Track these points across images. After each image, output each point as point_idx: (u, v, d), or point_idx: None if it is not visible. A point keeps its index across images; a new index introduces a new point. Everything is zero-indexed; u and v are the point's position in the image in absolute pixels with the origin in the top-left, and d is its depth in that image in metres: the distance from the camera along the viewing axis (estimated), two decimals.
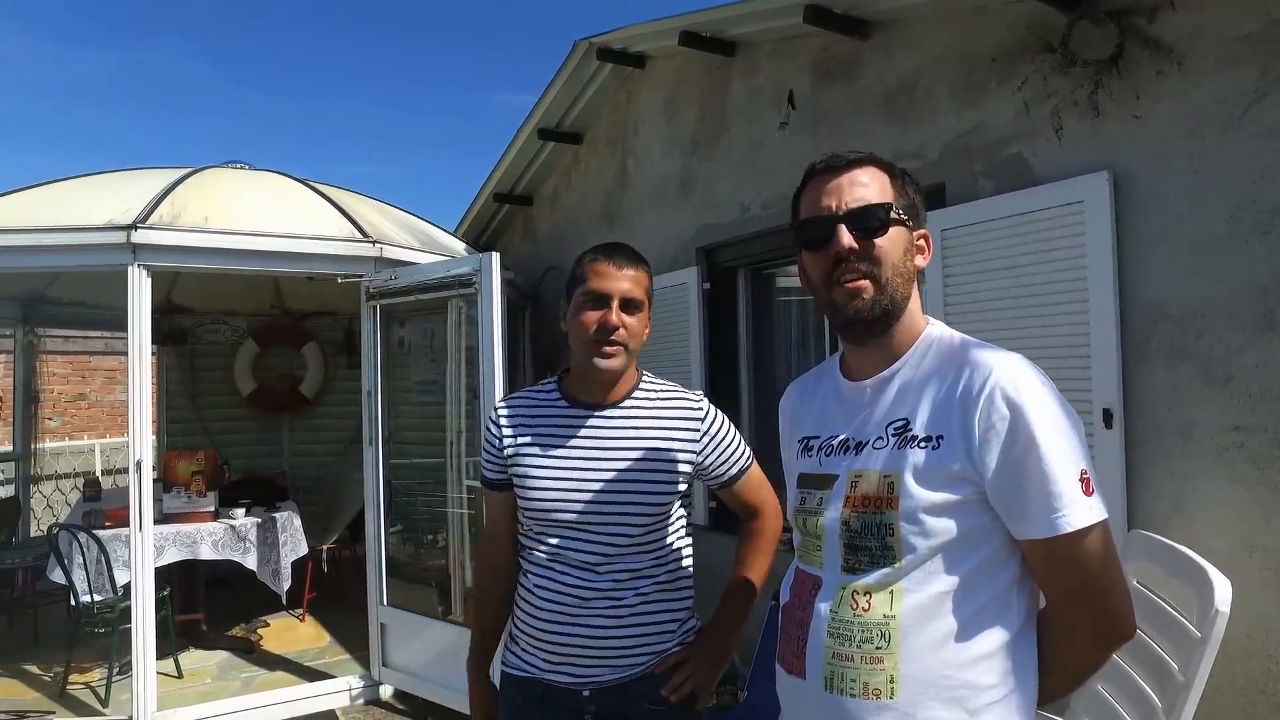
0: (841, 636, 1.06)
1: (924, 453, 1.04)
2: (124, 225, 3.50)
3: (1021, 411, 0.99)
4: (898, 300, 1.11)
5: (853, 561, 1.07)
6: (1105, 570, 1.01)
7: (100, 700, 3.71)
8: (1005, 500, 1.01)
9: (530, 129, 4.99)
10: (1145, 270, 2.18)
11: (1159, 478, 2.15)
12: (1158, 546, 1.87)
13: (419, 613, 3.91)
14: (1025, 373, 1.02)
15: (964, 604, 1.03)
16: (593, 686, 1.47)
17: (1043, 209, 2.40)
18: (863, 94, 3.11)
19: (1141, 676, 1.70)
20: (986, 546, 1.04)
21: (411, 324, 4.75)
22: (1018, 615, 1.05)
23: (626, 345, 1.49)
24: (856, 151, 1.15)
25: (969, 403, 1.02)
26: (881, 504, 1.05)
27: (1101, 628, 1.04)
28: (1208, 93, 2.04)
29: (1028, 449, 0.98)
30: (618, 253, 1.52)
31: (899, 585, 1.04)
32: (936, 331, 1.14)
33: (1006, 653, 1.03)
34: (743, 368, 3.91)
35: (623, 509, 1.48)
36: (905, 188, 1.14)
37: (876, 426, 1.11)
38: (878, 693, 1.03)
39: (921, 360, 1.11)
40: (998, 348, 1.07)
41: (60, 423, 9.56)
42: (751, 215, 3.64)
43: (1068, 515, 0.98)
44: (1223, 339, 2.02)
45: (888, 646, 1.03)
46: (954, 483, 1.02)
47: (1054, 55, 2.39)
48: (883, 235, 1.10)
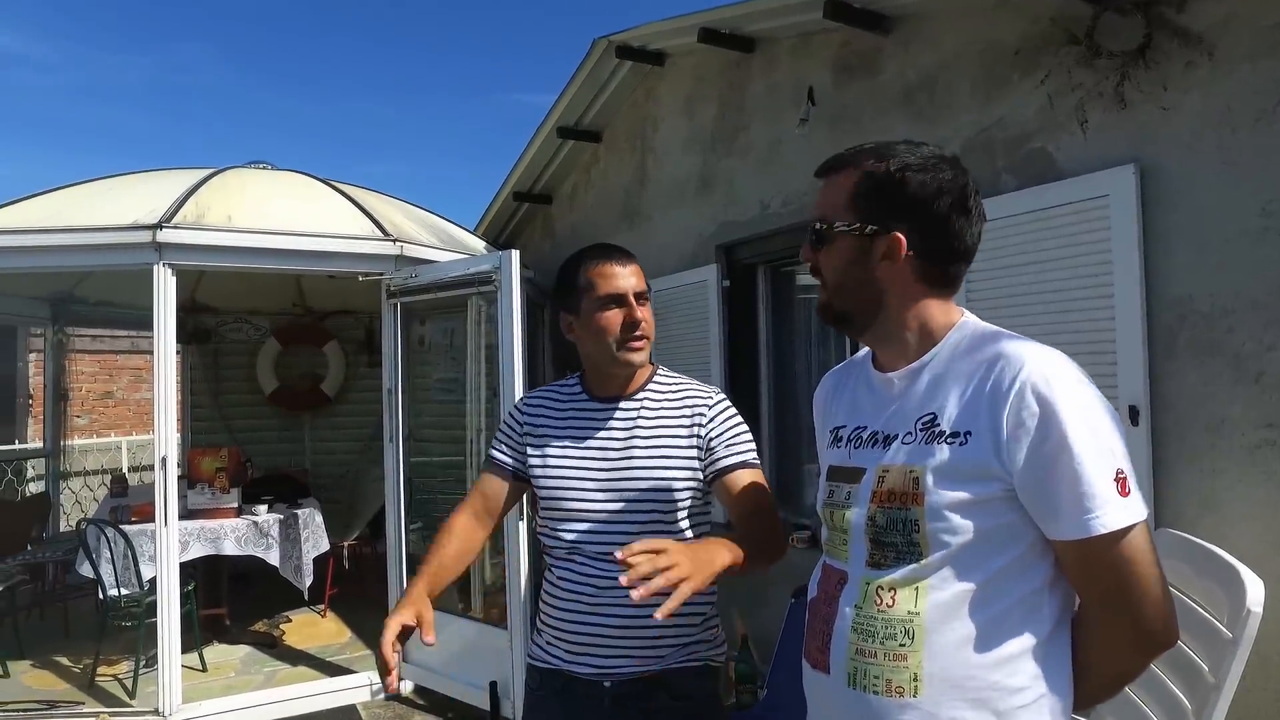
0: (865, 632, 1.05)
1: (950, 448, 1.02)
2: (149, 225, 3.55)
3: (1053, 408, 0.96)
4: (850, 306, 1.12)
5: (878, 557, 1.06)
6: (1144, 574, 0.97)
7: (128, 692, 3.78)
8: (1035, 499, 0.99)
9: (549, 127, 5.00)
10: (1173, 265, 2.15)
11: (1187, 476, 2.11)
12: (1187, 545, 1.84)
13: (439, 609, 3.90)
14: (1058, 367, 0.99)
15: (992, 603, 1.01)
16: (614, 678, 1.48)
17: (1067, 203, 2.37)
18: (883, 90, 3.08)
19: (1170, 678, 1.66)
20: (1016, 545, 1.01)
21: (432, 322, 4.79)
22: (1049, 617, 1.02)
23: (649, 337, 1.55)
24: (843, 153, 1.14)
25: (998, 398, 0.99)
26: (907, 499, 1.04)
27: (1140, 634, 1.00)
28: (1239, 83, 2.00)
29: (1059, 447, 0.96)
30: (616, 252, 1.57)
31: (924, 582, 1.02)
32: (972, 324, 1.12)
33: (1037, 655, 1.01)
34: (763, 365, 3.89)
35: (636, 498, 1.49)
36: (871, 192, 1.09)
37: (905, 421, 1.09)
38: (901, 691, 1.01)
39: (953, 354, 1.09)
40: (1031, 340, 1.04)
41: (88, 420, 9.73)
42: (771, 212, 3.62)
43: (1101, 516, 0.95)
44: (1254, 335, 1.98)
45: (911, 644, 1.01)
46: (982, 480, 1.00)
47: (1079, 47, 2.35)
48: (822, 250, 1.12)
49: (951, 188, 1.08)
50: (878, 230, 1.08)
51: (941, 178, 1.08)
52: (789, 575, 2.50)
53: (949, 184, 1.08)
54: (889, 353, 1.14)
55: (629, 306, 1.51)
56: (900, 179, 1.08)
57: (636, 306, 1.52)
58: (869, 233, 1.08)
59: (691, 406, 1.56)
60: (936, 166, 1.08)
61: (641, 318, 1.52)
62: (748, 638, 3.48)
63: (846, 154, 1.13)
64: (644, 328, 1.53)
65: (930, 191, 1.07)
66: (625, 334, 1.51)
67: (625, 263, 1.55)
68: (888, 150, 1.10)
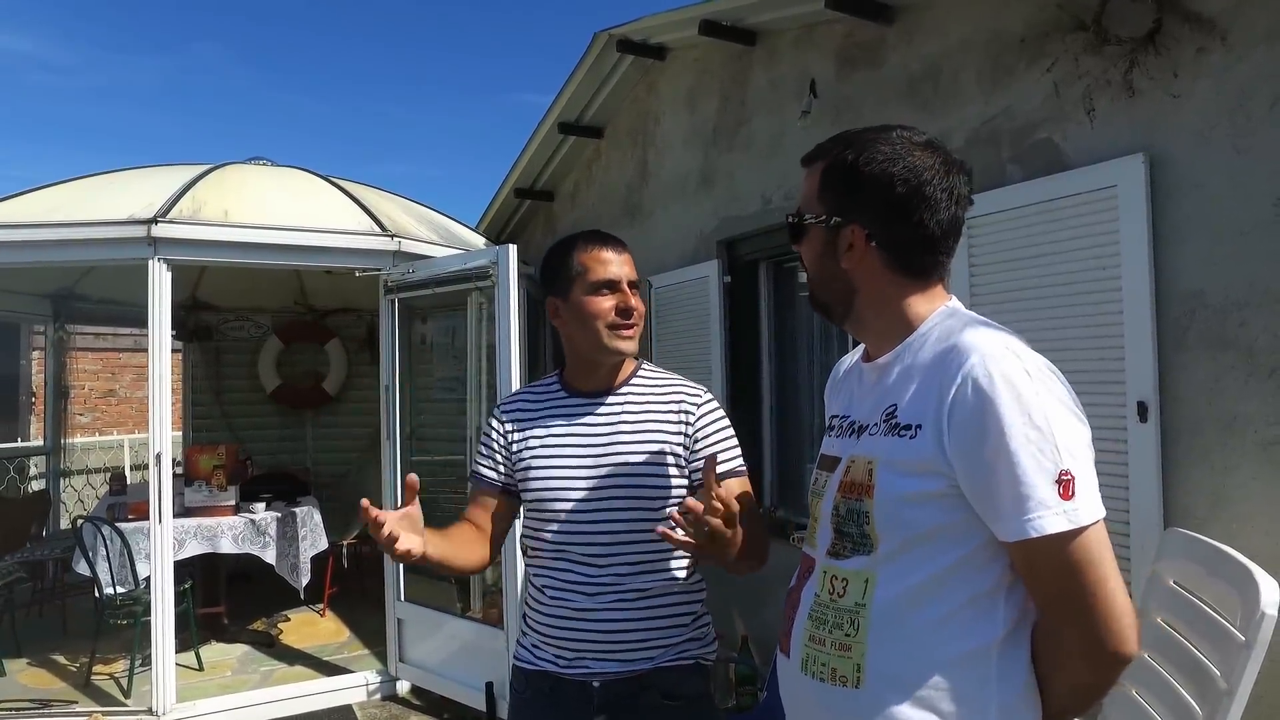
0: (818, 620, 1.05)
1: (902, 441, 1.00)
2: (144, 219, 3.53)
3: (992, 403, 0.91)
4: (828, 298, 1.13)
5: (838, 546, 1.06)
6: (1093, 580, 0.92)
7: (123, 691, 3.75)
8: (978, 498, 0.95)
9: (551, 123, 4.96)
10: (1183, 257, 2.08)
11: (1197, 473, 2.05)
12: (1197, 545, 1.78)
13: (437, 608, 3.89)
14: (1004, 360, 0.94)
15: (938, 602, 0.97)
16: (603, 678, 1.44)
17: (1074, 194, 2.31)
18: (886, 81, 3.03)
19: (1180, 682, 1.60)
20: (966, 544, 0.97)
21: (433, 321, 4.76)
22: (1003, 621, 0.98)
23: (640, 325, 1.53)
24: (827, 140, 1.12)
25: (944, 390, 0.96)
26: (861, 491, 1.03)
27: (1089, 644, 0.94)
28: (1253, 69, 1.94)
29: (997, 445, 0.91)
30: (609, 238, 1.54)
31: (873, 574, 1.01)
32: (946, 312, 1.07)
33: (986, 660, 0.97)
34: (764, 362, 3.83)
35: (617, 496, 1.45)
36: (833, 183, 1.08)
37: (873, 411, 1.07)
38: (844, 680, 1.01)
39: (923, 344, 1.05)
40: (994, 329, 1.00)
41: (91, 418, 9.74)
42: (774, 207, 3.56)
43: (1037, 519, 0.90)
44: (1268, 328, 1.92)
45: (855, 635, 1.00)
46: (928, 475, 0.97)
47: (1086, 34, 2.29)
48: (799, 244, 1.14)
49: (908, 175, 1.04)
50: (840, 222, 1.07)
51: (897, 167, 1.04)
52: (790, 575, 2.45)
53: (905, 172, 1.04)
54: (873, 342, 1.13)
55: (622, 292, 1.48)
56: (855, 169, 1.06)
57: (632, 294, 1.50)
58: (833, 225, 1.08)
59: (679, 402, 1.52)
60: (896, 154, 1.04)
61: (636, 304, 1.50)
62: (748, 639, 3.43)
63: (825, 144, 1.12)
64: (637, 315, 1.50)
65: (884, 180, 1.04)
66: (619, 319, 1.48)
67: (619, 250, 1.52)
68: (857, 138, 1.08)
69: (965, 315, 1.07)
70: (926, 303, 1.08)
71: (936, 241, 1.06)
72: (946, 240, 1.07)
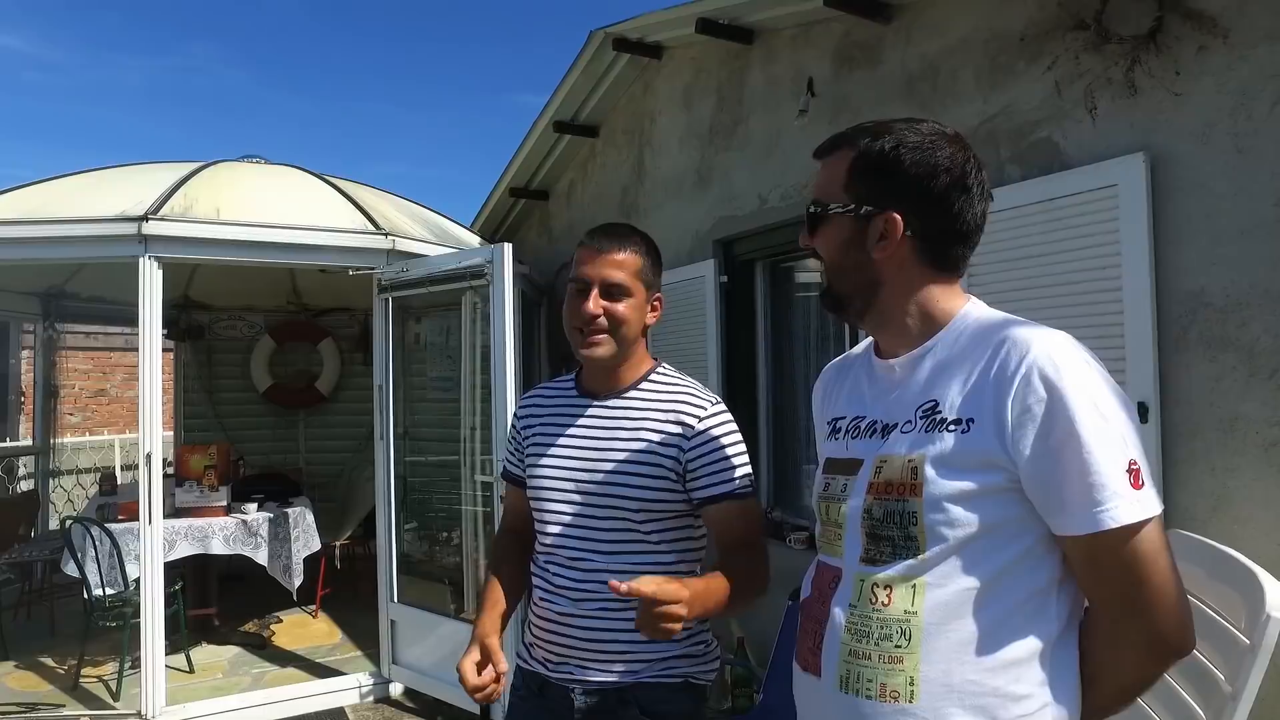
0: (859, 633, 0.98)
1: (953, 436, 0.96)
2: (135, 217, 3.49)
3: (1060, 393, 0.90)
4: (847, 290, 1.08)
5: (874, 552, 0.99)
6: (1158, 573, 0.91)
7: (111, 694, 3.71)
8: (1041, 491, 0.92)
9: (546, 121, 4.93)
10: (1184, 257, 2.07)
11: (1198, 475, 2.04)
12: (1199, 547, 1.76)
13: (431, 610, 3.86)
14: (1067, 351, 0.93)
15: (994, 603, 0.94)
16: (585, 686, 1.41)
17: (1074, 194, 2.30)
18: (884, 80, 3.01)
19: (1183, 686, 1.59)
20: (1021, 541, 0.95)
21: (429, 320, 4.72)
22: (1056, 619, 0.96)
23: (611, 333, 1.41)
24: (835, 135, 1.09)
25: (1003, 383, 0.93)
26: (905, 490, 0.97)
27: (1154, 639, 0.93)
28: (1255, 67, 1.92)
29: (1066, 435, 0.89)
30: (604, 235, 1.44)
31: (922, 579, 0.96)
32: (977, 310, 1.06)
33: (1042, 660, 0.94)
34: (761, 363, 3.81)
35: (602, 500, 1.41)
36: (867, 171, 1.04)
37: (906, 408, 1.03)
38: (895, 695, 0.95)
39: (957, 339, 1.03)
40: (1039, 325, 0.98)
41: (82, 418, 9.66)
42: (770, 206, 3.54)
43: (1111, 510, 0.88)
44: (1269, 329, 1.90)
45: (908, 645, 0.95)
46: (985, 470, 0.94)
47: (1087, 32, 2.27)
48: (817, 234, 1.08)
49: (950, 165, 1.02)
50: (873, 211, 1.03)
51: (939, 155, 1.02)
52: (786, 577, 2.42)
53: (947, 161, 1.02)
54: (890, 338, 1.09)
55: (586, 296, 1.39)
56: (895, 157, 1.03)
57: (595, 298, 1.39)
58: (864, 214, 1.04)
59: (680, 414, 1.42)
60: (934, 144, 1.03)
61: (595, 311, 1.38)
62: (744, 641, 3.41)
63: (845, 133, 1.09)
64: (600, 323, 1.39)
65: (926, 169, 1.02)
66: (578, 324, 1.41)
67: (606, 250, 1.41)
68: (885, 128, 1.05)
69: (996, 312, 1.06)
70: (952, 298, 1.06)
71: (970, 235, 1.05)
72: (977, 234, 1.06)
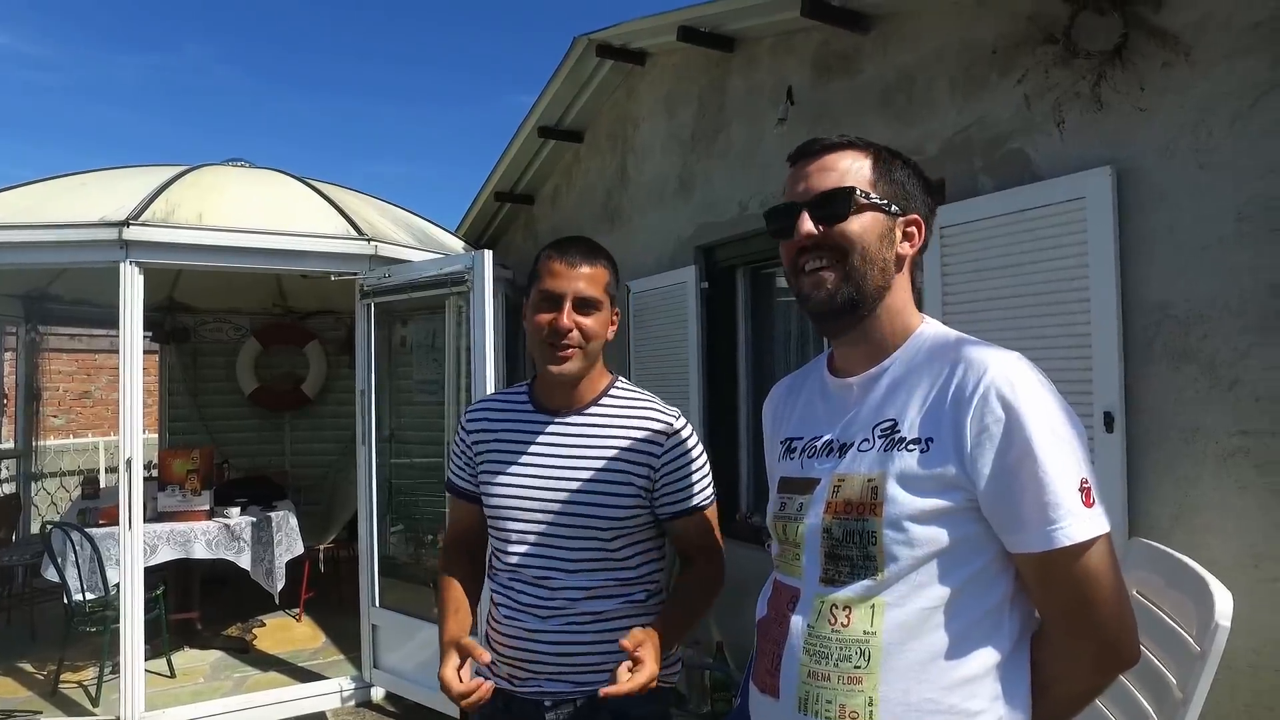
0: (818, 654, 0.99)
1: (912, 456, 0.98)
2: (116, 222, 3.49)
3: (1017, 414, 0.92)
4: (867, 290, 1.03)
5: (832, 572, 1.00)
6: (1107, 589, 0.94)
7: (91, 699, 3.70)
8: (998, 510, 0.95)
9: (531, 127, 4.95)
10: (1149, 269, 2.11)
11: (1161, 484, 2.08)
12: (1158, 555, 1.80)
13: (412, 614, 3.87)
14: (1023, 372, 0.95)
15: (951, 621, 0.96)
16: (555, 698, 1.43)
17: (1044, 205, 2.33)
18: (862, 89, 3.04)
19: (1139, 691, 1.62)
20: (978, 559, 0.97)
21: (414, 323, 4.74)
22: (1009, 635, 0.98)
23: (583, 347, 1.42)
24: (840, 135, 1.09)
25: (961, 403, 0.95)
26: (864, 510, 0.99)
27: (1102, 652, 0.96)
28: (1216, 84, 1.96)
29: (1023, 455, 0.92)
30: (573, 248, 1.44)
31: (881, 599, 0.97)
32: (931, 329, 1.08)
33: (997, 675, 0.96)
34: (741, 368, 3.84)
35: (573, 521, 1.41)
36: (891, 171, 1.06)
37: (863, 427, 1.04)
38: (855, 715, 0.96)
39: (913, 357, 1.04)
40: (995, 345, 1.00)
41: (65, 420, 9.60)
42: (750, 213, 3.57)
43: (1065, 527, 0.91)
44: (1229, 341, 1.94)
45: (867, 665, 0.96)
46: (943, 489, 0.96)
47: (1056, 47, 2.31)
48: (846, 221, 1.02)
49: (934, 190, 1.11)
50: (899, 212, 1.06)
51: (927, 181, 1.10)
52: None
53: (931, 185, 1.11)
54: (857, 355, 1.09)
55: (558, 310, 1.39)
56: (914, 170, 1.08)
57: (569, 312, 1.39)
58: (893, 212, 1.05)
59: (647, 430, 1.44)
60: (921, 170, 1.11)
61: (569, 325, 1.38)
62: (723, 645, 3.44)
63: (845, 137, 1.08)
64: (573, 337, 1.39)
65: (931, 188, 1.10)
66: (550, 339, 1.39)
67: (577, 262, 1.41)
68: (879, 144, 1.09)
69: (950, 331, 1.08)
70: (913, 314, 1.09)
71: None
72: None
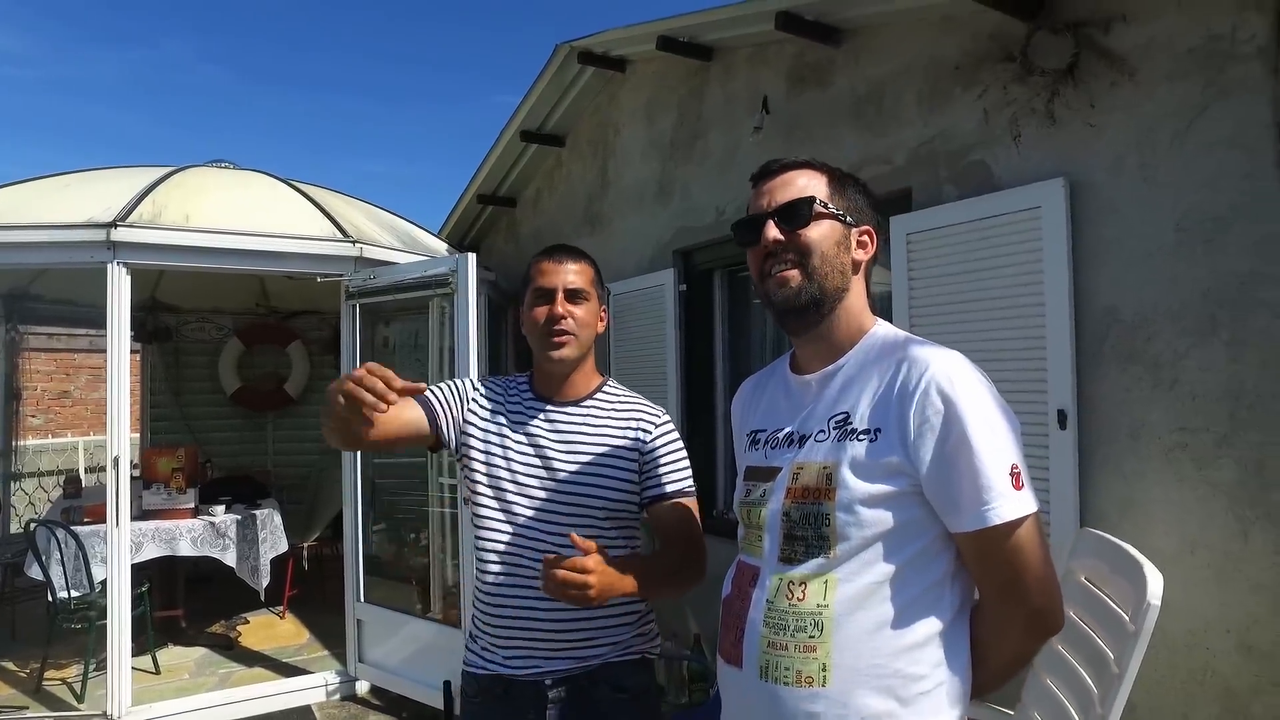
0: (777, 626, 1.09)
1: (863, 445, 1.08)
2: (103, 223, 3.52)
3: (955, 406, 1.03)
4: (828, 290, 1.15)
5: (789, 551, 1.10)
6: (1034, 562, 1.04)
7: (76, 696, 3.73)
8: (938, 493, 1.05)
9: (513, 131, 5.03)
10: (1099, 276, 2.24)
11: (1110, 478, 2.20)
12: (1104, 544, 1.92)
13: (396, 609, 3.94)
14: (960, 369, 1.06)
15: (897, 594, 1.06)
16: (555, 676, 1.50)
17: (1003, 214, 2.45)
18: (834, 100, 3.16)
19: (1084, 668, 1.74)
20: (921, 539, 1.07)
21: (397, 323, 4.79)
22: (950, 606, 1.08)
23: (577, 335, 1.54)
24: (797, 157, 1.21)
25: (905, 397, 1.06)
26: (819, 494, 1.09)
27: (1030, 619, 1.07)
28: (1157, 104, 2.10)
29: (960, 443, 1.02)
30: (559, 250, 1.59)
31: (833, 575, 1.07)
32: (882, 330, 1.19)
33: (939, 643, 1.07)
34: (718, 367, 3.95)
35: (570, 500, 1.51)
36: (845, 188, 1.19)
37: (819, 420, 1.15)
38: (810, 680, 1.06)
39: (866, 356, 1.15)
40: (937, 345, 1.12)
41: (44, 420, 9.53)
42: (726, 219, 3.68)
43: (996, 508, 1.01)
44: (1170, 343, 2.08)
45: (820, 635, 1.06)
46: (890, 475, 1.06)
47: (1014, 64, 2.44)
48: (808, 227, 1.15)
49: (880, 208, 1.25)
50: (853, 223, 1.18)
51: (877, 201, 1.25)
52: None
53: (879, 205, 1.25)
54: (816, 354, 1.20)
55: (553, 302, 1.53)
56: (864, 186, 1.22)
57: (561, 301, 1.53)
58: (848, 221, 1.17)
59: (637, 423, 1.58)
60: None
61: (563, 313, 1.52)
62: (700, 638, 3.54)
63: (803, 159, 1.22)
64: (567, 324, 1.52)
65: (878, 208, 1.23)
66: (547, 327, 1.53)
67: (564, 260, 1.56)
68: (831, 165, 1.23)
69: (899, 332, 1.19)
70: (867, 315, 1.20)
71: None
72: None
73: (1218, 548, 1.97)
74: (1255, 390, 1.90)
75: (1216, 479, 1.97)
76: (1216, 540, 1.97)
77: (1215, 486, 1.97)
